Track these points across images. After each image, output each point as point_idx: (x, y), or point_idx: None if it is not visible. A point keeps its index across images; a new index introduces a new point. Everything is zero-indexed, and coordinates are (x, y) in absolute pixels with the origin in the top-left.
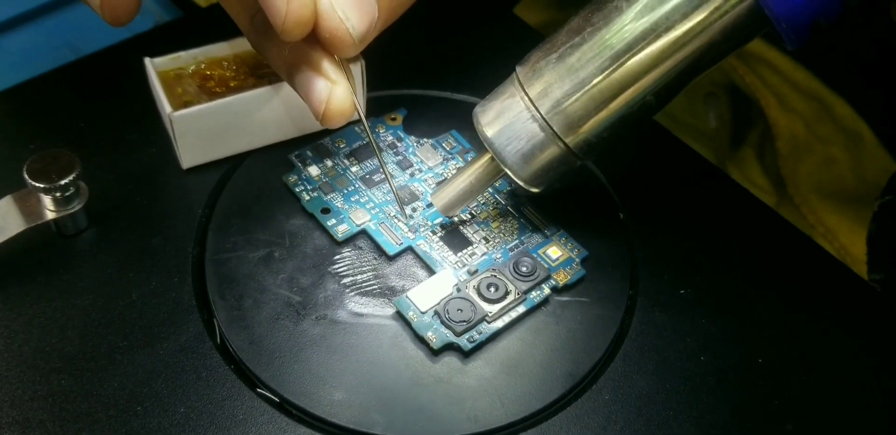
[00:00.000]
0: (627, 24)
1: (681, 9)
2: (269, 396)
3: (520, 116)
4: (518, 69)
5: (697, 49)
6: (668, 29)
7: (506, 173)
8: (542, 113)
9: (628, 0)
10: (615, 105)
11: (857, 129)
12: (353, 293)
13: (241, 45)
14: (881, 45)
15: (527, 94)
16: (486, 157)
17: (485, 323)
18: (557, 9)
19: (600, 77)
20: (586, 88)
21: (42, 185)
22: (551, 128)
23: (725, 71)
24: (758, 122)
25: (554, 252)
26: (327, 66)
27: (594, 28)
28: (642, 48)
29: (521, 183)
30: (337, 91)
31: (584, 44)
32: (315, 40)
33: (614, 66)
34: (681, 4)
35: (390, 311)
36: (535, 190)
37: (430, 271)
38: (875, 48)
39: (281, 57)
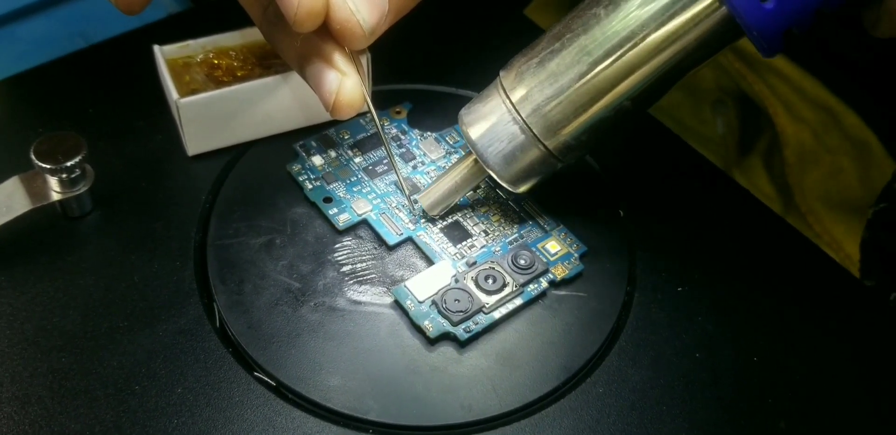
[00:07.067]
0: (605, 32)
1: (657, 17)
2: (266, 379)
3: (502, 119)
4: (501, 73)
5: (673, 56)
6: (644, 37)
7: (489, 174)
8: (524, 116)
9: (606, 8)
10: (593, 109)
11: (865, 139)
12: (351, 281)
13: (249, 36)
14: (874, 50)
15: (509, 97)
16: (471, 158)
17: (482, 314)
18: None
19: (579, 82)
20: (566, 93)
21: (48, 166)
22: (532, 131)
23: (734, 78)
24: (766, 130)
25: (553, 247)
26: (338, 57)
27: (573, 35)
28: (619, 55)
29: (503, 183)
30: (347, 83)
31: (563, 50)
32: (326, 32)
33: (592, 72)
34: (657, 13)
35: (388, 299)
36: (518, 191)
37: (430, 262)
38: (871, 54)
39: (292, 48)
